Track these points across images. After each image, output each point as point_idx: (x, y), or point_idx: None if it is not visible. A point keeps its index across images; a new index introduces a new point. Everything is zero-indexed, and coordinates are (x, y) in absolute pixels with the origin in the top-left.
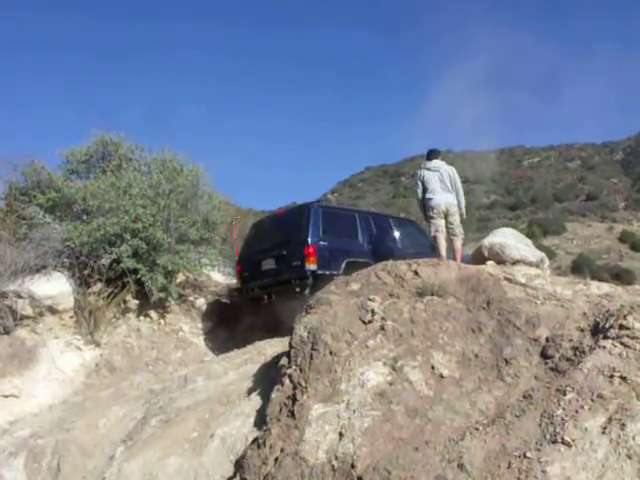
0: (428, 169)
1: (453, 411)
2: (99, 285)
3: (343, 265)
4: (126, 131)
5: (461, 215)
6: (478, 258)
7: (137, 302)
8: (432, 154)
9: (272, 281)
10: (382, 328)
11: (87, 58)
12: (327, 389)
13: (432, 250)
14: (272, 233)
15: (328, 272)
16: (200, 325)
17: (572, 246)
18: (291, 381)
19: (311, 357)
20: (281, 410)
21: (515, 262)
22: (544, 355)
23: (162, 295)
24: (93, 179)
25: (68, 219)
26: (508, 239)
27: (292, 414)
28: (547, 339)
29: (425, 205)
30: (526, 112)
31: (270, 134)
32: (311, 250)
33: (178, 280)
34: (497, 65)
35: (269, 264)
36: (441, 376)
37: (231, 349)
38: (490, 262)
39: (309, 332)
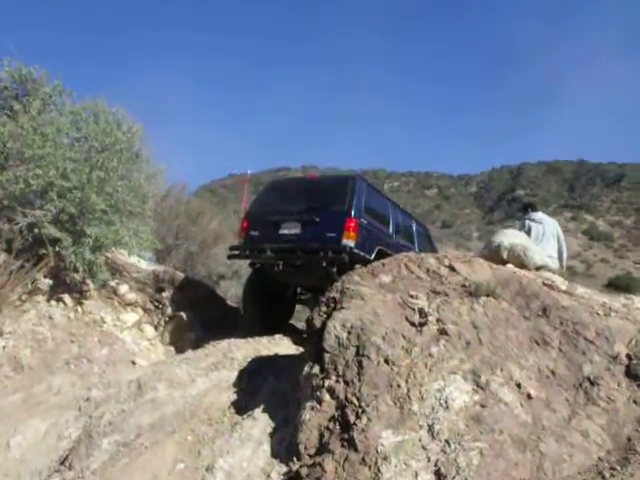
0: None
1: (566, 443)
2: (3, 256)
3: (375, 251)
4: None
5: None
6: (493, 259)
7: (49, 282)
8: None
9: (295, 247)
10: (444, 332)
11: None
12: (392, 410)
13: None
14: (300, 196)
15: (362, 254)
16: (123, 317)
17: None
18: (333, 397)
19: (360, 365)
20: (322, 437)
21: (539, 268)
22: (632, 375)
23: (85, 275)
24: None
25: None
26: (526, 241)
27: (350, 444)
28: (629, 356)
29: None
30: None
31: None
32: (353, 224)
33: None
34: None
35: (292, 228)
36: (529, 396)
37: (161, 349)
38: (509, 265)
39: (349, 332)
